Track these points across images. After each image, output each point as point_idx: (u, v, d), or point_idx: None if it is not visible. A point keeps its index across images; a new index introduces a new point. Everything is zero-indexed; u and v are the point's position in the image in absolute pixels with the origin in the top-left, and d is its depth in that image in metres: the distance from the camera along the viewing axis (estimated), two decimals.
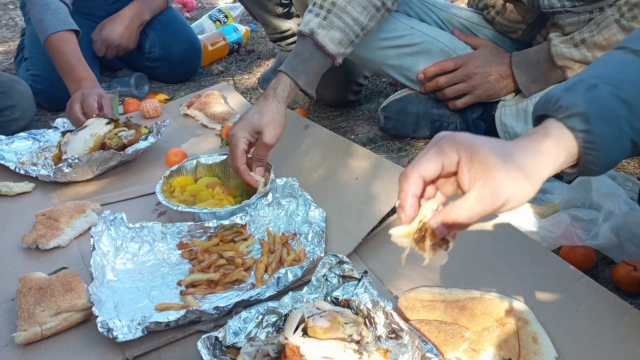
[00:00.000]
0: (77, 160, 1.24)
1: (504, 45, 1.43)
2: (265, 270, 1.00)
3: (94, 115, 1.39)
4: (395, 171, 1.11)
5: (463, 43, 1.42)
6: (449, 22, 1.48)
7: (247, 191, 1.22)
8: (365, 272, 0.89)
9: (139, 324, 0.83)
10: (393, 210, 1.07)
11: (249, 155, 1.15)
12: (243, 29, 2.40)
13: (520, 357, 0.77)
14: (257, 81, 1.98)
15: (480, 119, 1.38)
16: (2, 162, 1.33)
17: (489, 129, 1.37)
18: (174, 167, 1.24)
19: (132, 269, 1.00)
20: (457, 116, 1.42)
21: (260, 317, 0.84)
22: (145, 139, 1.39)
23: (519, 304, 0.83)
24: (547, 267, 0.90)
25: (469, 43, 1.42)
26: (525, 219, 1.05)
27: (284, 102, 1.13)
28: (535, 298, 0.86)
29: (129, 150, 1.32)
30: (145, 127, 1.44)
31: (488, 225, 0.99)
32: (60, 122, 1.53)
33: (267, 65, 2.18)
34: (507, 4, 1.35)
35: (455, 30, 1.46)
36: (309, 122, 1.37)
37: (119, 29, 1.89)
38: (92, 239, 0.96)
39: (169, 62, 2.00)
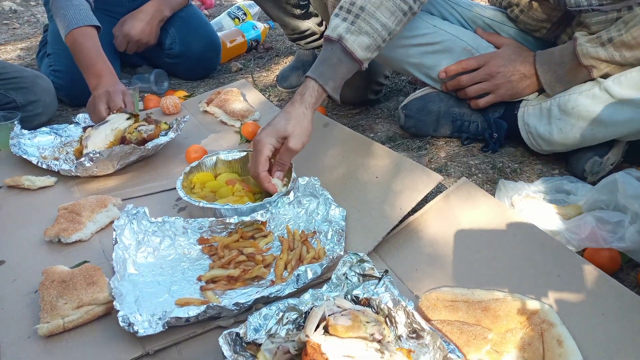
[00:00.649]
0: (98, 155, 1.25)
1: (527, 44, 1.41)
2: (285, 268, 1.00)
3: (115, 111, 1.40)
4: (416, 170, 1.10)
5: (486, 42, 1.40)
6: (472, 21, 1.47)
7: None
8: (386, 271, 0.89)
9: (160, 318, 0.83)
10: (414, 210, 1.06)
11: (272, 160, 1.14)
12: (261, 26, 2.40)
13: None
14: (275, 79, 1.97)
15: (502, 119, 1.36)
16: (25, 156, 1.35)
17: (511, 129, 1.35)
18: (194, 164, 1.24)
19: (153, 263, 1.00)
20: (479, 115, 1.40)
21: (281, 314, 0.83)
22: (165, 134, 1.40)
23: (544, 306, 0.81)
24: (572, 269, 0.88)
25: (492, 42, 1.40)
26: (548, 220, 1.04)
27: (311, 108, 1.11)
28: (560, 300, 0.84)
29: (149, 145, 1.33)
30: (165, 123, 1.44)
31: (511, 226, 0.98)
32: (82, 117, 1.54)
33: (286, 62, 2.18)
34: (532, 2, 1.33)
35: (478, 29, 1.44)
36: (328, 120, 1.36)
37: (140, 24, 1.90)
38: (114, 232, 0.97)
39: (188, 59, 2.01)
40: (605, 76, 1.20)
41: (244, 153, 1.28)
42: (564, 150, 1.28)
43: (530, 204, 1.09)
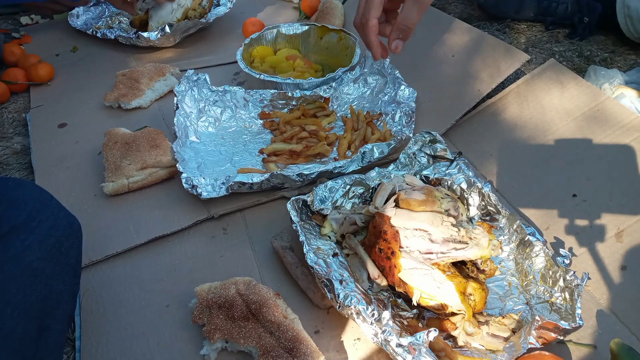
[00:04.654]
0: (167, 32, 1.20)
1: None
2: (348, 147, 0.95)
3: None
4: (499, 48, 1.00)
5: None
6: None
7: (330, 66, 1.15)
8: (460, 153, 0.82)
9: (223, 183, 0.81)
10: (494, 91, 0.97)
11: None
12: None
13: None
14: None
15: (597, 0, 1.20)
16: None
17: (607, 12, 1.20)
18: (254, 35, 1.17)
19: (214, 133, 0.97)
20: None
21: (347, 187, 0.80)
22: (218, 3, 1.33)
23: None
24: None
25: None
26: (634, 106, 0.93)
27: None
28: None
29: (211, 17, 1.26)
30: None
31: (604, 112, 0.88)
32: None
33: None
34: None
35: None
36: None
37: None
38: (175, 98, 0.93)
39: None
40: None
41: (307, 27, 1.20)
42: None
43: (624, 93, 0.98)
